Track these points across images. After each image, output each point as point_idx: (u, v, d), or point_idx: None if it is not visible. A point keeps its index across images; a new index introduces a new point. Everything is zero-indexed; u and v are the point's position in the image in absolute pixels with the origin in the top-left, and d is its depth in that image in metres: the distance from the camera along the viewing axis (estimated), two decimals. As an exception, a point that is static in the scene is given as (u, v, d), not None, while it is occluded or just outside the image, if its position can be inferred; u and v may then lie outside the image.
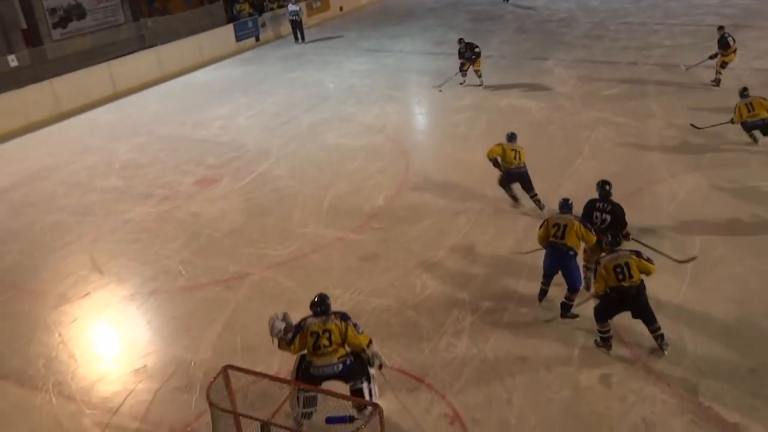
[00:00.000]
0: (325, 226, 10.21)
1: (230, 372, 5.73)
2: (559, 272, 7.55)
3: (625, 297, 6.64)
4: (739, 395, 6.30)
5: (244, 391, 6.21)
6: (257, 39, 24.02)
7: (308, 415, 6.05)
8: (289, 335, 6.06)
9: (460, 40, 15.98)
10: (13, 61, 17.53)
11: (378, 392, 6.25)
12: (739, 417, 6.05)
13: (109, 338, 8.16)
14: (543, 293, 7.80)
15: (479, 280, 8.48)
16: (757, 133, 11.78)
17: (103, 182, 12.64)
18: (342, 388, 6.04)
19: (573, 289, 7.47)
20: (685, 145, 12.00)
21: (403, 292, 8.33)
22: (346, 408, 5.52)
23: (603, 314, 6.85)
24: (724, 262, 8.42)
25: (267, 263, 9.29)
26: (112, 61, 19.12)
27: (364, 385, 6.07)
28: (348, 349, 6.05)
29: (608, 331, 6.91)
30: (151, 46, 20.69)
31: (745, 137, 11.81)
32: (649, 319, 6.79)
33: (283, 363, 6.98)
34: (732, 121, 11.95)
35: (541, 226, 7.66)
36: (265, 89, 18.19)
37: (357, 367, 6.05)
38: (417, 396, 6.62)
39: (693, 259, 8.08)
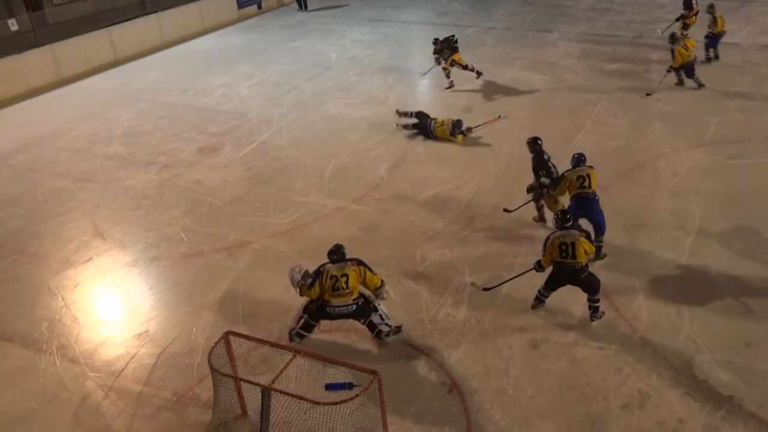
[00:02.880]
0: (326, 196, 10.24)
1: (231, 338, 5.82)
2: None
3: (562, 273, 6.91)
4: (734, 369, 6.39)
5: (244, 357, 6.31)
6: (259, 6, 23.77)
7: (301, 336, 6.92)
8: (309, 280, 6.66)
9: (435, 41, 14.47)
10: (13, 25, 17.33)
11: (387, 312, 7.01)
12: (733, 390, 6.14)
13: (112, 303, 8.23)
14: None
15: (479, 252, 8.53)
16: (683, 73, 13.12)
17: (105, 149, 12.63)
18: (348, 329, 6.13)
19: (600, 231, 8.03)
20: (688, 121, 11.96)
21: (403, 263, 8.39)
22: (345, 375, 5.61)
23: (550, 283, 7.14)
24: (723, 238, 8.46)
25: (268, 232, 9.34)
26: (113, 27, 18.96)
27: (374, 316, 6.86)
28: (360, 291, 6.79)
29: (547, 297, 7.24)
30: (152, 12, 20.49)
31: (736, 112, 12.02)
32: (590, 292, 7.01)
33: (284, 330, 7.11)
34: (672, 68, 12.87)
35: (561, 182, 8.13)
36: (266, 58, 18.07)
37: (366, 307, 6.84)
38: (416, 365, 6.71)
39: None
